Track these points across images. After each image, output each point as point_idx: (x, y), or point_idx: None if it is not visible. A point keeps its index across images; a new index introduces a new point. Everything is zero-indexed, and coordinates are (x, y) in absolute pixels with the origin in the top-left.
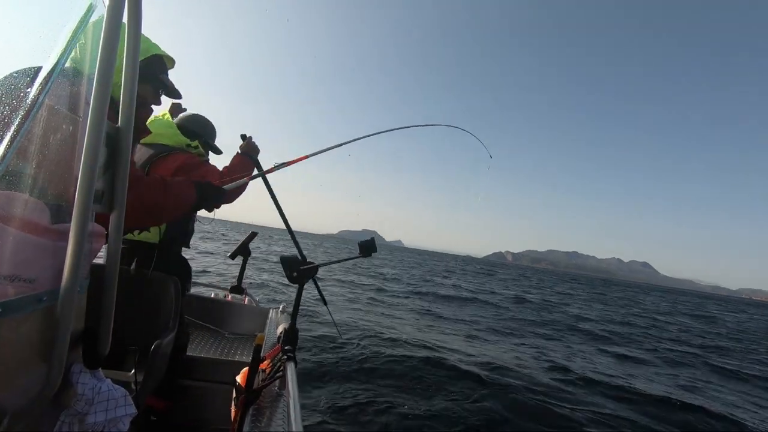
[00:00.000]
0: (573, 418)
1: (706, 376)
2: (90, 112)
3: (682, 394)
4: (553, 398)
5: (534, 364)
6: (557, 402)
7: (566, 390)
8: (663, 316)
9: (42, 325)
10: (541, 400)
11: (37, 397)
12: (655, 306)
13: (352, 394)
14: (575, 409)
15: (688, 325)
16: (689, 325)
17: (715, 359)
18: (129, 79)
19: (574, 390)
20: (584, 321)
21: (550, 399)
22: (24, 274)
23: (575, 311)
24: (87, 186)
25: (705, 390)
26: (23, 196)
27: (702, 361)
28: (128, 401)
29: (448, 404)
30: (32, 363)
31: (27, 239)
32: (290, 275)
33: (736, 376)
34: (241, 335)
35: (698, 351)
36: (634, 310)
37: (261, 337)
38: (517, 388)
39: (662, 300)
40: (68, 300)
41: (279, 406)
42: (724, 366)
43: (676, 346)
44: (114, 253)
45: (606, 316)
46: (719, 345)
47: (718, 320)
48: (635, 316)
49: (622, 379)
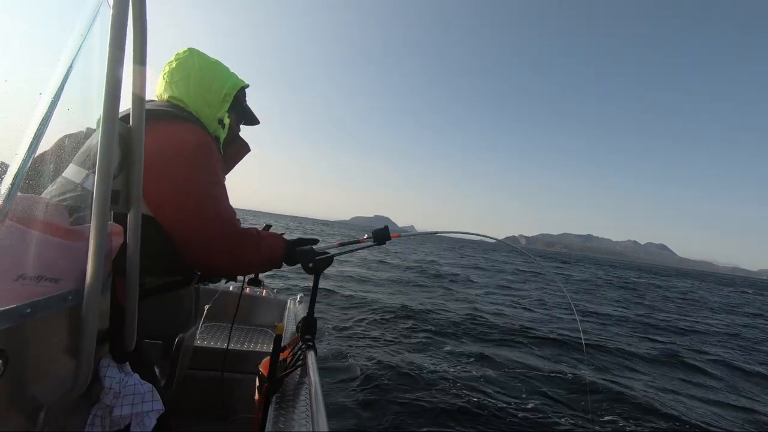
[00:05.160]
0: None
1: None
2: (102, 113)
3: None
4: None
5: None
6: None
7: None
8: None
9: (69, 324)
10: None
11: (69, 392)
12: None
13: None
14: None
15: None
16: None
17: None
18: (137, 79)
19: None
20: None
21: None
22: (49, 275)
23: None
24: (104, 187)
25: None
26: (43, 199)
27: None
28: (155, 397)
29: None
30: (63, 360)
31: (49, 241)
32: (306, 266)
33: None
34: (261, 326)
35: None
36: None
37: (281, 327)
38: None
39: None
40: (92, 298)
41: (301, 393)
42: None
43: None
44: (134, 252)
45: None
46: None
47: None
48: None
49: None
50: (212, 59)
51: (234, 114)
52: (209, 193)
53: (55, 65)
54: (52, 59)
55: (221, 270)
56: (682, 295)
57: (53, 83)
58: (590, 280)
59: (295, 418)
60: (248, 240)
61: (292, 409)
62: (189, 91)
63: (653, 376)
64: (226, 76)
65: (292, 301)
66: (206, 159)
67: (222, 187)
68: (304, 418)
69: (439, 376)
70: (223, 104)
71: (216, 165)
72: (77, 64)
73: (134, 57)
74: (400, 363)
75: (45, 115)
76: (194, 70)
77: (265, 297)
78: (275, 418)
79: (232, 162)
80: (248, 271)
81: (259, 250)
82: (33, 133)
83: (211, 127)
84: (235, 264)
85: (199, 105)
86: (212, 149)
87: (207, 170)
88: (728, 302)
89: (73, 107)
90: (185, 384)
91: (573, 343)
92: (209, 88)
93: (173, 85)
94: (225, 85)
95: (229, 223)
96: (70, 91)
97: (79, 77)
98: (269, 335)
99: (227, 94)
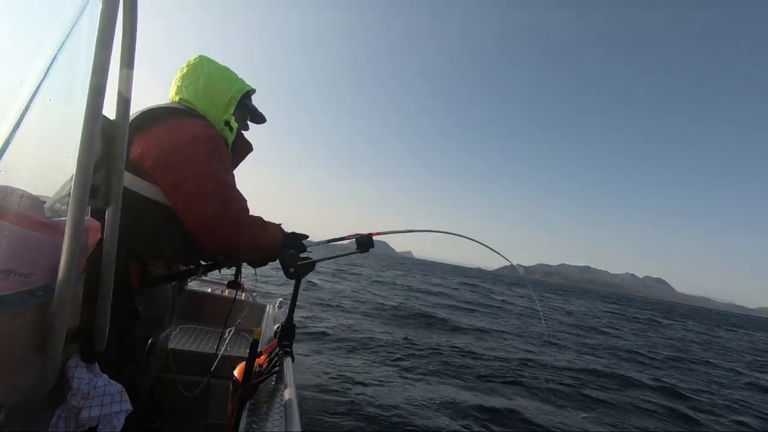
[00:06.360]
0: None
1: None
2: (85, 106)
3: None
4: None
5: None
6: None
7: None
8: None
9: (38, 321)
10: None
11: (33, 392)
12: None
13: (348, 385)
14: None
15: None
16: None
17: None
18: (125, 72)
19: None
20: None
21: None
22: (19, 269)
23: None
24: (83, 181)
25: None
26: (19, 191)
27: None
28: (124, 397)
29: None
30: (28, 358)
31: (22, 233)
32: (287, 271)
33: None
34: (239, 330)
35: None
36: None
37: (258, 331)
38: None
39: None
40: (64, 295)
41: (276, 400)
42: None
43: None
44: (110, 249)
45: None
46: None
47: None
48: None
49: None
50: (221, 65)
51: (240, 116)
52: (224, 179)
53: (38, 54)
54: (36, 48)
55: (234, 249)
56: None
57: (36, 73)
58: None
59: (268, 426)
60: (257, 223)
61: (265, 417)
62: (197, 94)
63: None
64: (233, 80)
65: (272, 306)
66: (217, 149)
67: (233, 175)
68: (277, 427)
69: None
70: (229, 106)
71: (226, 155)
72: (62, 54)
73: (122, 55)
74: (383, 376)
75: (25, 105)
76: (203, 75)
77: (244, 301)
78: (247, 425)
79: (236, 161)
80: (255, 253)
81: (265, 233)
82: (12, 123)
83: (218, 127)
84: (246, 244)
85: (206, 106)
86: (221, 141)
87: (219, 159)
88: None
89: (55, 98)
90: (160, 387)
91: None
92: (216, 90)
93: (183, 88)
94: (231, 88)
95: (243, 206)
96: (54, 81)
97: (63, 68)
98: (247, 340)
99: (233, 97)
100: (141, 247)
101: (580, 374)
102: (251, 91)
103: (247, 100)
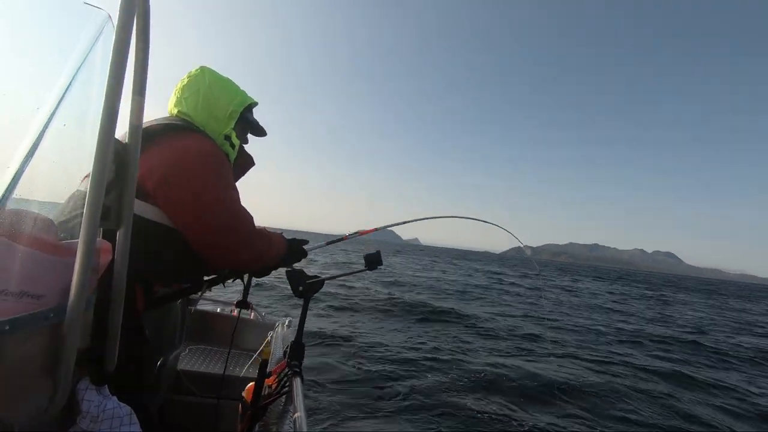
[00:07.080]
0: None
1: None
2: (98, 129)
3: None
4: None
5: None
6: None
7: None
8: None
9: (48, 342)
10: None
11: (43, 415)
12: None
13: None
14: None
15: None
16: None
17: None
18: (136, 95)
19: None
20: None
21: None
22: (32, 291)
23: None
24: (95, 202)
25: None
26: (32, 214)
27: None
28: (133, 419)
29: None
30: (39, 380)
31: (35, 255)
32: (296, 289)
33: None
34: (248, 350)
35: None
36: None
37: (267, 351)
38: None
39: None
40: (75, 317)
41: (285, 421)
42: None
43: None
44: (121, 270)
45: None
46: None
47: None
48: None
49: None
50: (223, 77)
51: (240, 129)
52: (228, 195)
53: (55, 81)
54: (53, 75)
55: (243, 264)
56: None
57: (52, 99)
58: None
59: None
60: (263, 236)
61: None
62: (197, 106)
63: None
64: (235, 93)
65: (281, 325)
66: (219, 165)
67: (236, 190)
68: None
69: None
70: (230, 120)
71: (228, 171)
72: (77, 80)
73: (134, 83)
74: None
75: (41, 130)
76: (203, 87)
77: (253, 320)
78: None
79: (237, 175)
80: (262, 265)
81: (270, 244)
82: (27, 148)
83: (217, 141)
84: (253, 257)
85: (206, 119)
86: (223, 157)
87: (222, 175)
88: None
89: (69, 123)
90: (170, 408)
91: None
92: (217, 103)
93: (183, 100)
94: (233, 101)
95: (250, 221)
96: (68, 106)
97: (78, 92)
98: (255, 359)
99: (234, 111)
100: (145, 268)
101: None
102: (253, 104)
103: (248, 114)
